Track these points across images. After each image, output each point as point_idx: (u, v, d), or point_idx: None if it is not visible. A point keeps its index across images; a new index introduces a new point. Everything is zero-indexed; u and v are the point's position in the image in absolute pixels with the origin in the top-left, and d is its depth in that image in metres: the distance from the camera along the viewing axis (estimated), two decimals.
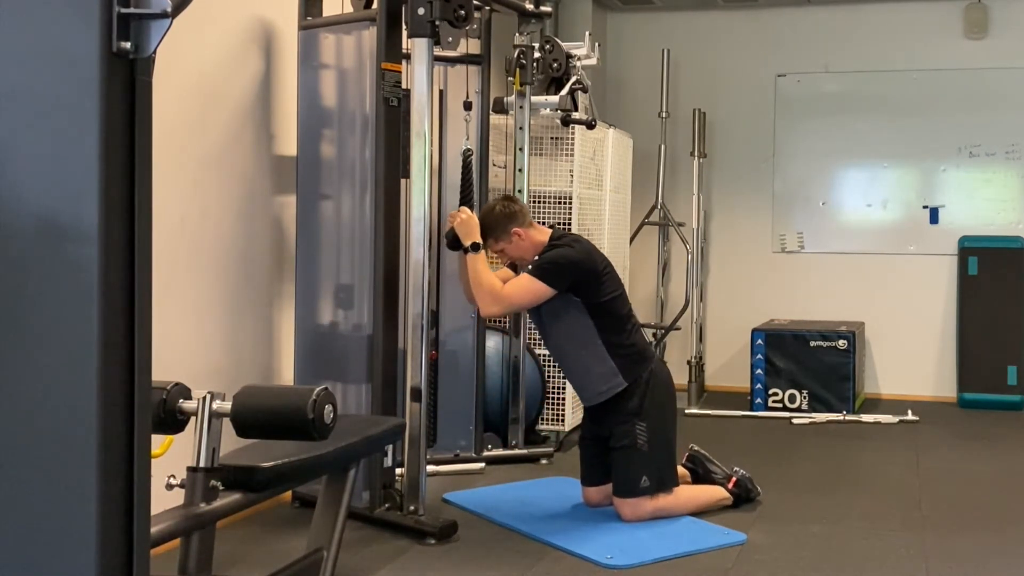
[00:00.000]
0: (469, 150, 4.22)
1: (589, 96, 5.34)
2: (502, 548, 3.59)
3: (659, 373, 3.94)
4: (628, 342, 3.87)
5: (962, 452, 5.33)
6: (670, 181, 6.87)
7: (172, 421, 2.29)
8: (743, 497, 4.12)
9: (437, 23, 3.58)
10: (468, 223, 3.83)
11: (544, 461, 4.84)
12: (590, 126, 5.19)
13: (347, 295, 4.06)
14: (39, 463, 1.30)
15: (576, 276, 3.78)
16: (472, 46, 4.75)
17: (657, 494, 3.86)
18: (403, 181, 3.84)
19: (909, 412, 6.09)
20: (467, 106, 4.57)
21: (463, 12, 3.59)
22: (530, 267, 3.81)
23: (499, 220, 3.88)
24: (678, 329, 6.72)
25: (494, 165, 4.95)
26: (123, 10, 1.28)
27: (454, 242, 3.86)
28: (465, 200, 4.33)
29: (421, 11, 3.59)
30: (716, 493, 4.07)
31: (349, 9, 4.19)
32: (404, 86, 3.86)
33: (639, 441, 3.82)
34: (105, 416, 1.29)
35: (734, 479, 4.12)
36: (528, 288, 3.76)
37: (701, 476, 4.16)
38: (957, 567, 3.46)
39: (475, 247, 3.79)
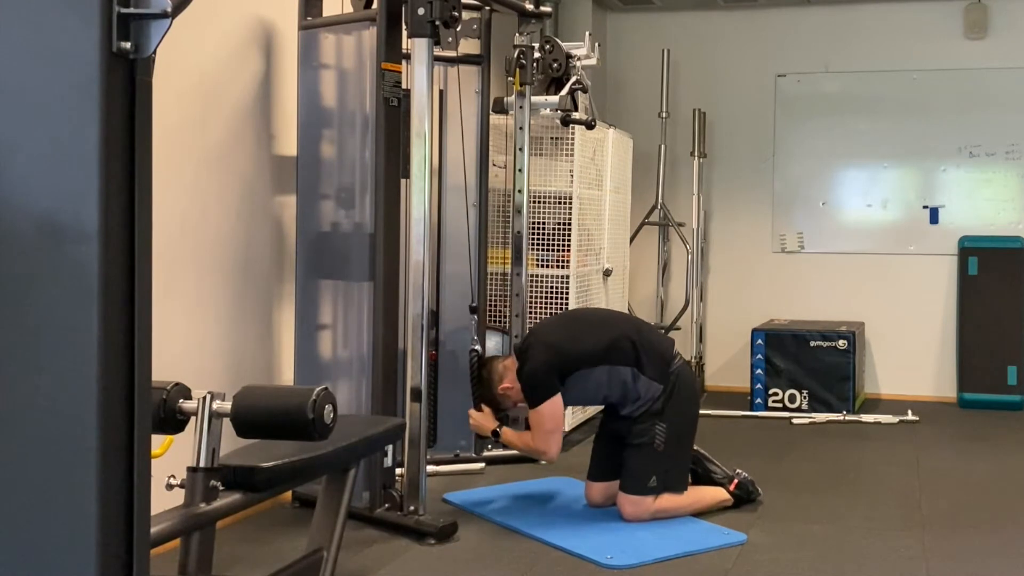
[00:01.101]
0: (475, 351, 4.18)
1: (589, 96, 5.34)
2: (502, 548, 3.59)
3: (685, 376, 3.98)
4: (647, 353, 3.91)
5: (962, 452, 5.33)
6: (670, 181, 6.87)
7: (172, 421, 2.29)
8: (744, 499, 4.12)
9: (437, 23, 3.59)
10: (480, 422, 4.04)
11: (544, 461, 4.83)
12: (590, 126, 5.19)
13: (347, 294, 4.06)
14: (39, 463, 1.30)
15: (555, 372, 3.86)
16: (472, 46, 4.75)
17: (661, 495, 3.86)
18: (403, 181, 3.84)
19: (909, 412, 6.09)
20: (473, 311, 4.45)
21: (455, 14, 3.62)
22: (527, 404, 3.92)
23: (489, 391, 4.04)
24: (678, 329, 6.73)
25: (494, 165, 4.95)
26: (123, 10, 1.28)
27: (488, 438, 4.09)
28: (477, 401, 4.28)
29: (421, 11, 3.59)
30: (717, 494, 4.07)
31: (349, 9, 4.19)
32: (404, 86, 3.86)
33: (657, 441, 3.84)
34: (105, 416, 1.29)
35: (736, 481, 4.12)
36: (544, 416, 3.86)
37: (701, 476, 4.16)
38: (957, 567, 3.46)
39: (496, 434, 4.00)
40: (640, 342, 3.92)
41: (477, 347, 4.22)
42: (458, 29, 3.71)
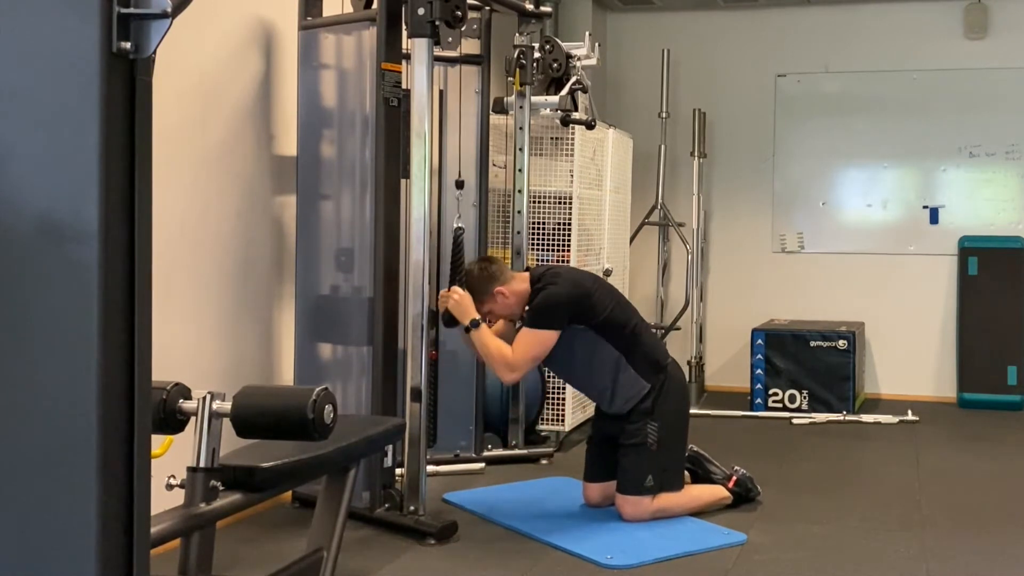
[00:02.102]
0: (461, 228, 4.15)
1: (589, 96, 5.34)
2: (502, 548, 3.59)
3: (674, 375, 3.97)
4: (641, 346, 3.90)
5: (962, 452, 5.33)
6: (670, 181, 6.87)
7: (172, 421, 2.29)
8: (743, 496, 4.12)
9: (437, 23, 3.59)
10: (462, 303, 3.83)
11: (544, 461, 4.84)
12: (590, 126, 5.19)
13: (348, 295, 4.06)
14: (39, 463, 1.30)
15: (570, 309, 3.80)
16: (472, 46, 4.75)
17: (659, 494, 3.86)
18: (403, 181, 3.84)
19: (909, 412, 6.09)
20: (459, 185, 4.53)
21: (459, 13, 3.60)
22: (526, 318, 3.83)
23: (481, 283, 3.88)
24: (678, 329, 6.73)
25: (494, 165, 4.95)
26: (123, 10, 1.28)
27: (451, 320, 3.88)
28: (455, 279, 4.25)
29: (421, 11, 3.59)
30: (717, 493, 4.08)
31: (349, 9, 4.19)
32: (404, 86, 3.86)
33: (649, 440, 3.83)
34: (105, 416, 1.29)
35: (734, 478, 4.13)
36: (534, 341, 3.77)
37: (700, 476, 4.16)
38: (957, 567, 3.46)
39: (475, 324, 3.80)
40: (640, 337, 3.91)
41: (462, 224, 4.15)
42: (463, 29, 3.68)
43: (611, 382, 3.88)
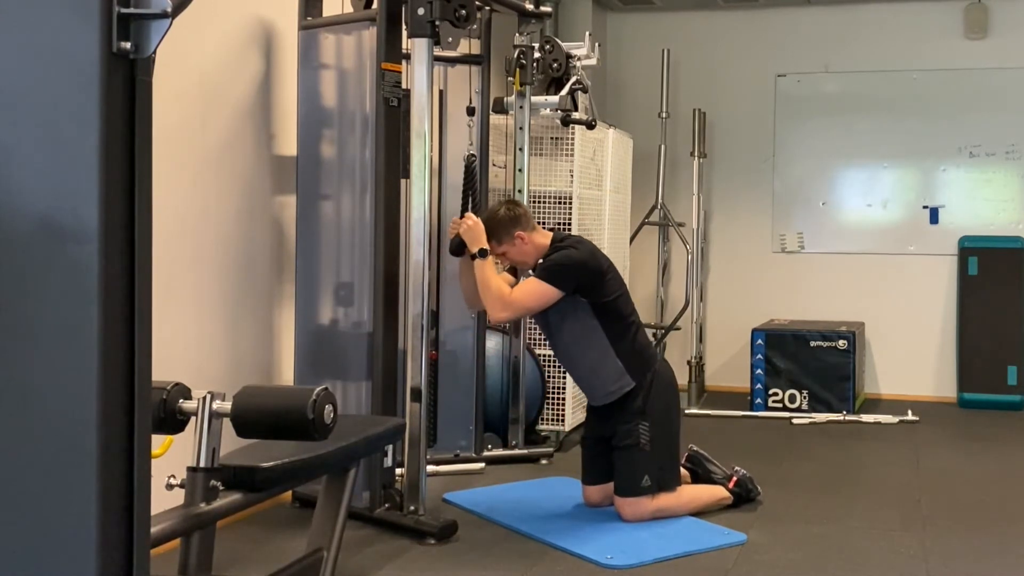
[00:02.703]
0: (472, 155, 4.18)
1: (589, 96, 5.34)
2: (502, 548, 3.59)
3: (663, 373, 3.95)
4: (633, 342, 3.89)
5: (962, 452, 5.33)
6: (670, 181, 6.87)
7: (172, 421, 2.29)
8: (743, 497, 4.12)
9: (437, 23, 3.58)
10: (475, 229, 3.82)
11: (544, 461, 4.83)
12: (590, 126, 5.19)
13: (347, 295, 4.06)
14: (39, 463, 1.30)
15: (582, 277, 3.79)
16: (472, 46, 4.75)
17: (658, 494, 3.86)
18: (403, 181, 3.84)
19: (909, 412, 6.09)
20: (470, 111, 4.56)
21: (464, 12, 3.59)
22: (537, 270, 3.82)
23: (503, 223, 3.88)
24: (678, 329, 6.72)
25: (494, 165, 4.95)
26: (123, 10, 1.28)
27: (458, 248, 3.85)
28: (468, 205, 4.29)
29: (421, 11, 3.59)
30: (717, 493, 4.07)
31: (349, 9, 4.19)
32: (404, 86, 3.86)
33: (642, 440, 3.82)
34: (105, 416, 1.29)
35: (735, 479, 4.12)
36: (536, 291, 3.76)
37: (701, 476, 4.16)
38: (957, 567, 3.46)
39: (483, 253, 3.80)
40: (635, 332, 3.91)
41: (474, 152, 4.14)
42: (472, 27, 3.66)
43: (594, 364, 3.86)
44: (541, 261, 3.85)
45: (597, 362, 3.85)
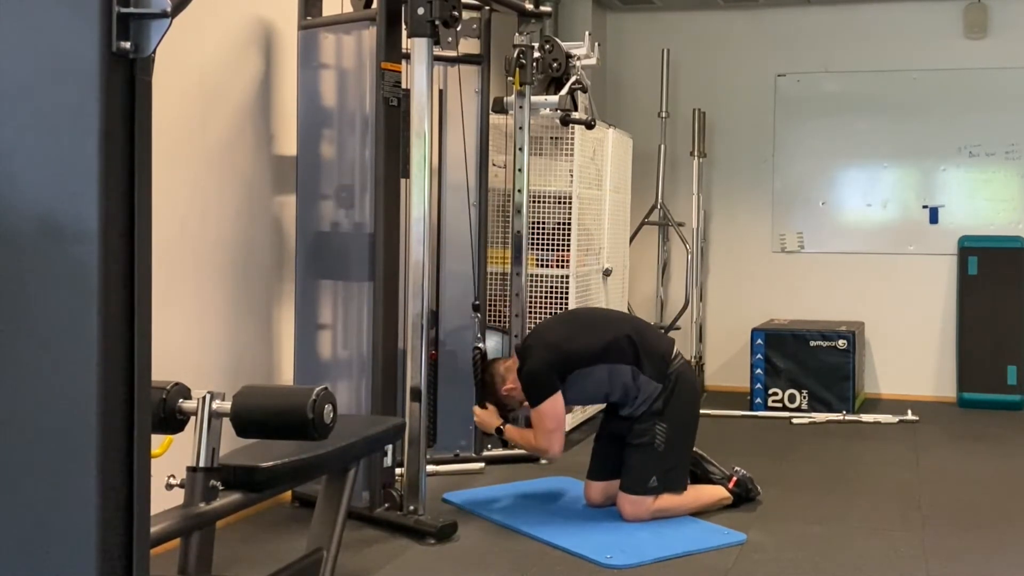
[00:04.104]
0: (478, 349, 4.24)
1: (589, 96, 5.34)
2: (502, 548, 3.59)
3: (686, 376, 3.97)
4: (645, 351, 3.91)
5: (962, 452, 5.33)
6: (670, 181, 6.87)
7: (172, 421, 2.29)
8: (743, 496, 4.12)
9: (437, 23, 3.59)
10: (484, 422, 4.08)
11: (544, 461, 4.83)
12: (590, 126, 5.19)
13: (347, 295, 4.06)
14: (39, 463, 1.30)
15: (553, 372, 3.86)
16: (472, 46, 4.75)
17: (662, 495, 3.86)
18: (403, 181, 3.84)
19: (909, 412, 6.09)
20: (476, 308, 4.46)
21: (455, 13, 3.62)
22: (528, 404, 3.94)
23: (491, 391, 4.08)
24: (678, 329, 6.72)
25: (494, 165, 4.95)
26: (123, 10, 1.28)
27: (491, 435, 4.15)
28: (480, 396, 4.30)
29: (421, 11, 3.59)
30: (717, 493, 4.08)
31: (349, 9, 4.19)
32: (404, 86, 3.86)
33: (657, 440, 3.84)
34: (105, 416, 1.28)
35: (734, 479, 4.13)
36: (544, 416, 3.86)
37: (699, 476, 4.16)
38: (957, 567, 3.46)
39: (499, 431, 4.04)
40: (640, 341, 3.92)
41: (481, 345, 4.24)
42: (458, 29, 3.69)
43: (633, 389, 3.91)
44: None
45: (631, 386, 3.90)
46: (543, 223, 5.15)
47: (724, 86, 7.12)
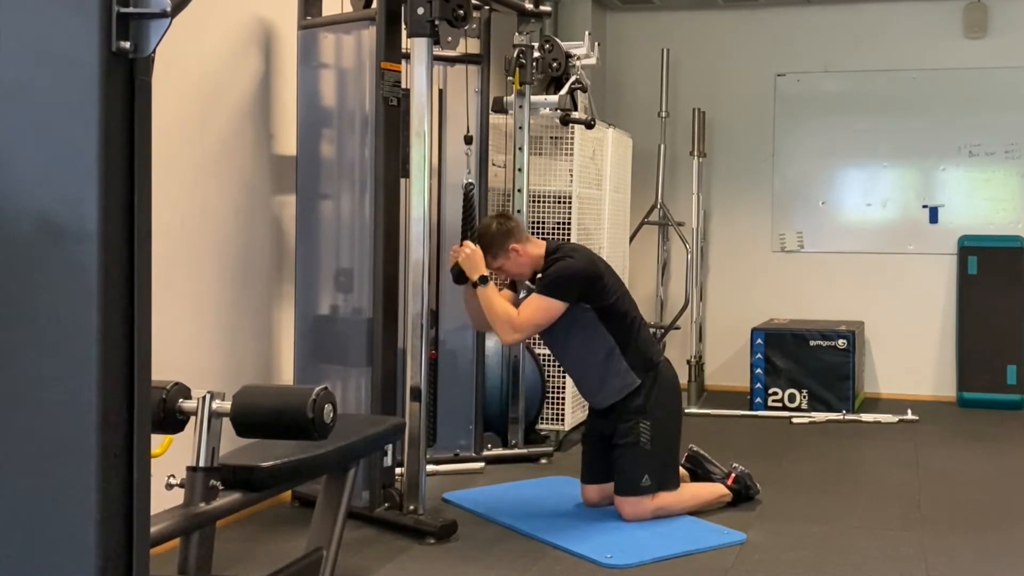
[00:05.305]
0: (471, 184, 4.20)
1: (588, 96, 5.34)
2: (502, 548, 3.59)
3: (665, 372, 3.96)
4: (637, 340, 3.90)
5: (962, 452, 5.33)
6: (670, 181, 6.87)
7: (172, 421, 2.29)
8: (742, 494, 4.12)
9: (437, 23, 3.58)
10: (473, 257, 3.83)
11: (544, 461, 4.83)
12: (589, 126, 5.19)
13: (347, 281, 4.06)
14: (39, 463, 1.30)
15: (583, 285, 3.80)
16: (472, 46, 4.75)
17: (658, 493, 3.86)
18: (403, 181, 3.84)
19: (909, 412, 6.09)
20: (468, 140, 4.54)
21: (462, 12, 3.59)
22: (537, 285, 3.83)
23: (497, 238, 3.88)
24: (678, 328, 6.73)
25: (493, 164, 4.95)
26: (122, 10, 1.28)
27: (459, 276, 3.87)
28: (467, 234, 4.28)
29: (420, 11, 3.59)
30: (716, 490, 4.08)
31: (349, 9, 4.19)
32: (404, 86, 3.86)
33: (642, 439, 3.83)
34: (105, 416, 1.29)
35: (733, 475, 4.13)
36: (542, 307, 3.78)
37: (700, 477, 4.17)
38: (957, 567, 3.46)
39: (483, 280, 3.81)
40: (638, 331, 3.92)
41: (472, 180, 4.16)
42: (467, 27, 3.66)
43: (603, 370, 3.87)
44: (540, 276, 3.86)
45: (607, 366, 3.86)
46: (543, 223, 5.14)
47: (724, 86, 7.12)
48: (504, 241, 3.88)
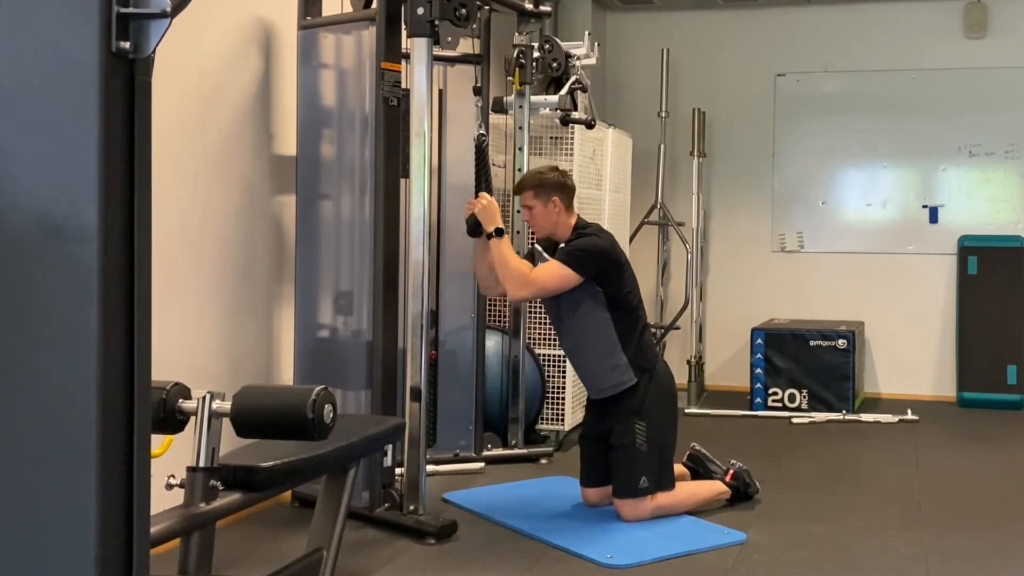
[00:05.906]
0: (483, 135, 4.14)
1: (588, 96, 5.33)
2: (502, 548, 3.59)
3: (661, 373, 3.95)
4: (640, 338, 3.91)
5: (962, 452, 5.33)
6: (670, 181, 6.87)
7: (172, 421, 2.29)
8: (741, 491, 4.12)
9: (437, 23, 3.58)
10: (490, 208, 3.82)
11: (544, 461, 4.83)
12: (589, 126, 5.19)
13: (346, 294, 4.06)
14: (39, 462, 1.30)
15: (603, 265, 3.81)
16: (472, 46, 4.75)
17: (656, 494, 3.86)
18: (403, 181, 3.84)
19: (909, 412, 6.09)
20: (476, 91, 4.54)
21: (465, 11, 3.59)
22: (559, 254, 3.83)
23: (548, 182, 3.89)
24: (678, 329, 6.73)
25: (494, 165, 4.94)
26: (122, 10, 1.28)
27: (475, 228, 3.84)
28: (481, 185, 4.26)
29: (420, 11, 3.59)
30: (714, 487, 4.08)
31: (349, 9, 4.19)
32: (404, 86, 3.86)
33: (638, 440, 3.82)
34: (105, 416, 1.28)
35: (731, 472, 4.13)
36: (558, 273, 3.77)
37: (701, 476, 4.17)
38: (957, 567, 3.46)
39: (499, 232, 3.79)
40: (642, 331, 3.92)
41: (483, 131, 4.15)
42: (473, 27, 3.65)
43: (602, 358, 3.86)
44: (563, 246, 3.86)
45: (603, 355, 3.86)
46: None
47: (724, 86, 7.12)
48: (553, 191, 3.88)
